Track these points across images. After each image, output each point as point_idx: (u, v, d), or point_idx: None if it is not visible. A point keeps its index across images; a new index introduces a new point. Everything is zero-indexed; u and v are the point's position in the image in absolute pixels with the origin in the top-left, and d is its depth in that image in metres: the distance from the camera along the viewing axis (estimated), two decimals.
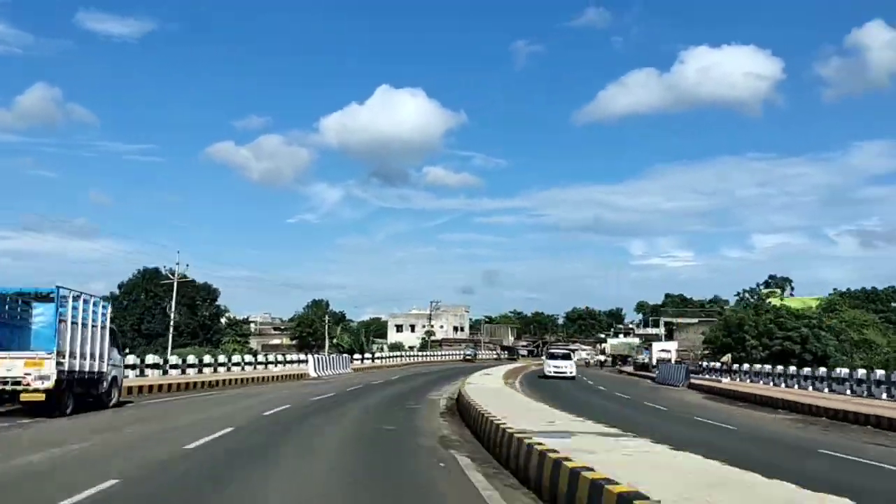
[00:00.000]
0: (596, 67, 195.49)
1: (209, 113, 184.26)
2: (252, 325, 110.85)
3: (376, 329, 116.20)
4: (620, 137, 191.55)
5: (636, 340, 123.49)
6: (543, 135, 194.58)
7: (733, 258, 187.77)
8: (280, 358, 43.78)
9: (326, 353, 61.75)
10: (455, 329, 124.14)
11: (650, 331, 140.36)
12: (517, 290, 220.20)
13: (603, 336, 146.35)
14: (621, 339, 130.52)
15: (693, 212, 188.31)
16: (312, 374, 41.54)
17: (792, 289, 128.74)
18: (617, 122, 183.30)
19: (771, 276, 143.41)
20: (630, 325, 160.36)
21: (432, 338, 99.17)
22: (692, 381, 40.06)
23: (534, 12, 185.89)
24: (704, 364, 49.17)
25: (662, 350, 60.52)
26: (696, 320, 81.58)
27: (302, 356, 45.63)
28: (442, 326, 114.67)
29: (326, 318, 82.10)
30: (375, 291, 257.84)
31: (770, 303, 66.01)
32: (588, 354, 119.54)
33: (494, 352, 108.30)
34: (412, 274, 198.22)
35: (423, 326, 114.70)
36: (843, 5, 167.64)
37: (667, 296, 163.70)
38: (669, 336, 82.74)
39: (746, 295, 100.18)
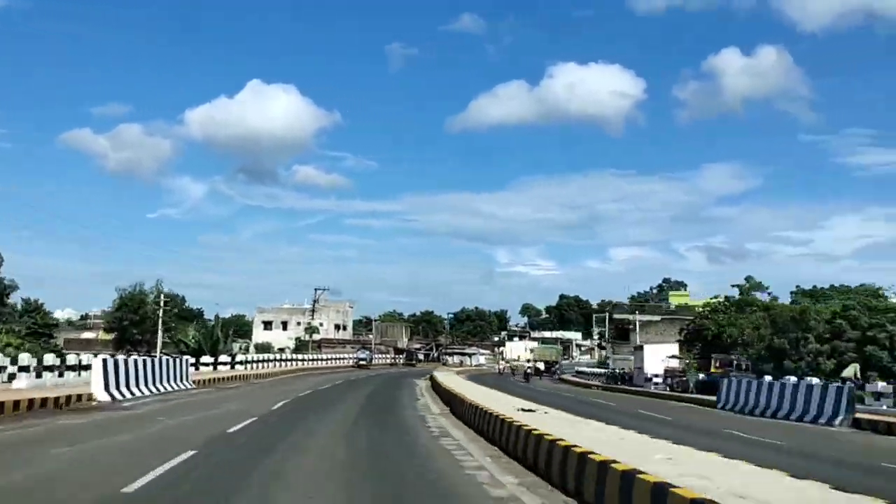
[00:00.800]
0: (470, 75, 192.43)
1: (64, 97, 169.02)
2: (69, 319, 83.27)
3: (241, 328, 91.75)
4: (491, 147, 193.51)
5: (534, 344, 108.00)
6: (416, 140, 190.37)
7: (593, 268, 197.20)
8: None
9: (159, 354, 38.83)
10: (337, 328, 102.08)
11: (566, 334, 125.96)
12: (385, 292, 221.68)
13: (498, 339, 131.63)
14: (529, 342, 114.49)
15: (557, 223, 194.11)
16: (101, 395, 19.42)
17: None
18: (488, 132, 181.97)
19: (665, 280, 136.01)
20: (516, 328, 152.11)
21: (313, 336, 76.60)
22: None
23: (410, 14, 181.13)
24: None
25: (671, 357, 41.98)
26: (658, 317, 64.64)
27: (88, 357, 22.85)
28: (322, 324, 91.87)
29: (161, 298, 57.06)
30: (240, 292, 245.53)
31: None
32: (487, 360, 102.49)
33: (387, 355, 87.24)
34: (279, 274, 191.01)
35: (299, 324, 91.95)
36: (702, 32, 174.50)
37: (561, 297, 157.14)
38: (623, 337, 65.32)
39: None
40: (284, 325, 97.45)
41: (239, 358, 46.01)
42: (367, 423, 16.56)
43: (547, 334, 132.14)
